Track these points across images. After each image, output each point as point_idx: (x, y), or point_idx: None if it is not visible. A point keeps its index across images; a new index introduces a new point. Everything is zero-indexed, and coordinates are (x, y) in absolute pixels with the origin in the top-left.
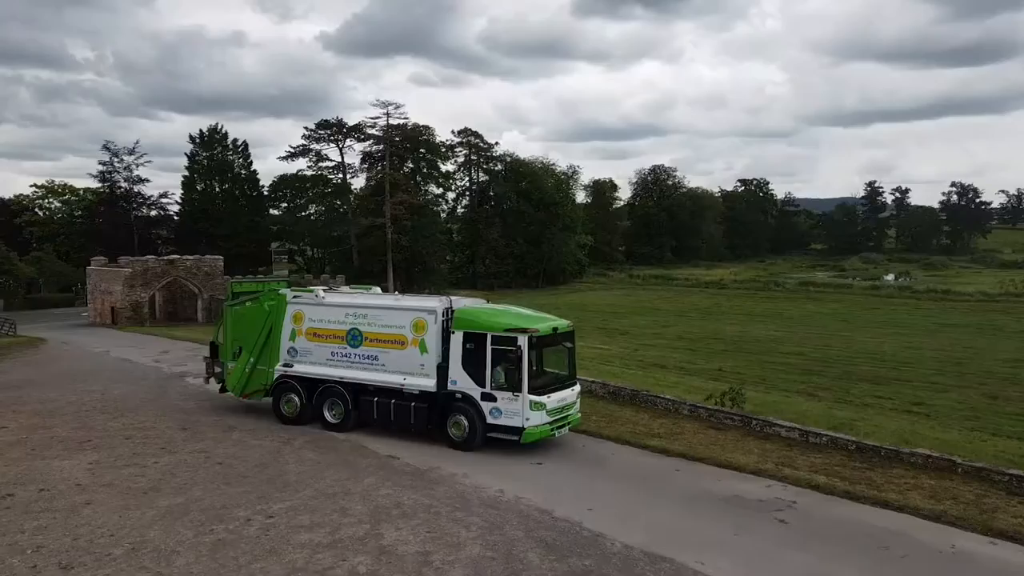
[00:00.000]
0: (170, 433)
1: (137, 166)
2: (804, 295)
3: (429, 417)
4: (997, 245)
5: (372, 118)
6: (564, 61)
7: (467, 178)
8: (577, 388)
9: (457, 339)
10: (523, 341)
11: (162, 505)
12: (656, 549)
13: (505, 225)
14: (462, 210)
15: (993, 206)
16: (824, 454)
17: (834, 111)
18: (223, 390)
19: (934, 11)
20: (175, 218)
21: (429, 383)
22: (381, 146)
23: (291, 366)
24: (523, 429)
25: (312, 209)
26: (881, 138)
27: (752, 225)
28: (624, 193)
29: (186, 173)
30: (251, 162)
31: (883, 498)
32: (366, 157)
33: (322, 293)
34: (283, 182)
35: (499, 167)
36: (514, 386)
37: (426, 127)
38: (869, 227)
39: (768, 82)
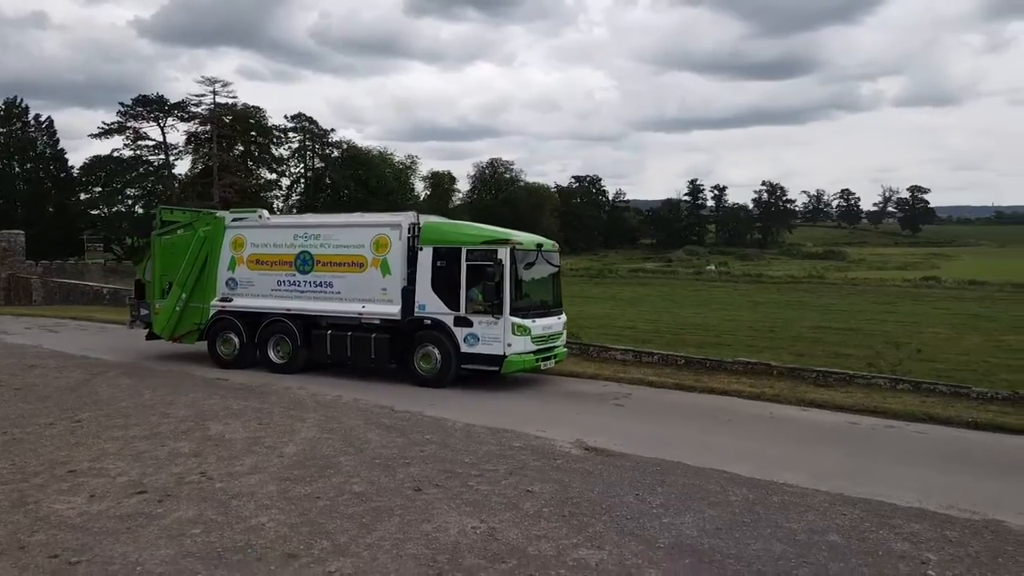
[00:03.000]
0: None
1: None
2: (635, 280)
3: (392, 349)
4: (801, 240)
5: (197, 95)
6: (399, 60)
7: (302, 165)
8: (563, 317)
9: (426, 257)
10: (504, 255)
11: None
12: (497, 426)
13: (343, 212)
14: (297, 197)
15: (797, 205)
16: (656, 368)
17: (658, 118)
18: (151, 336)
19: (742, 28)
20: None
21: (393, 310)
22: (208, 126)
23: (230, 300)
24: (504, 357)
25: (131, 193)
26: (700, 143)
27: (586, 220)
28: (463, 186)
29: None
30: (57, 140)
31: (709, 387)
32: (191, 138)
33: (266, 214)
34: (97, 163)
35: (335, 154)
36: (494, 307)
37: (257, 108)
38: (692, 223)
39: (597, 88)
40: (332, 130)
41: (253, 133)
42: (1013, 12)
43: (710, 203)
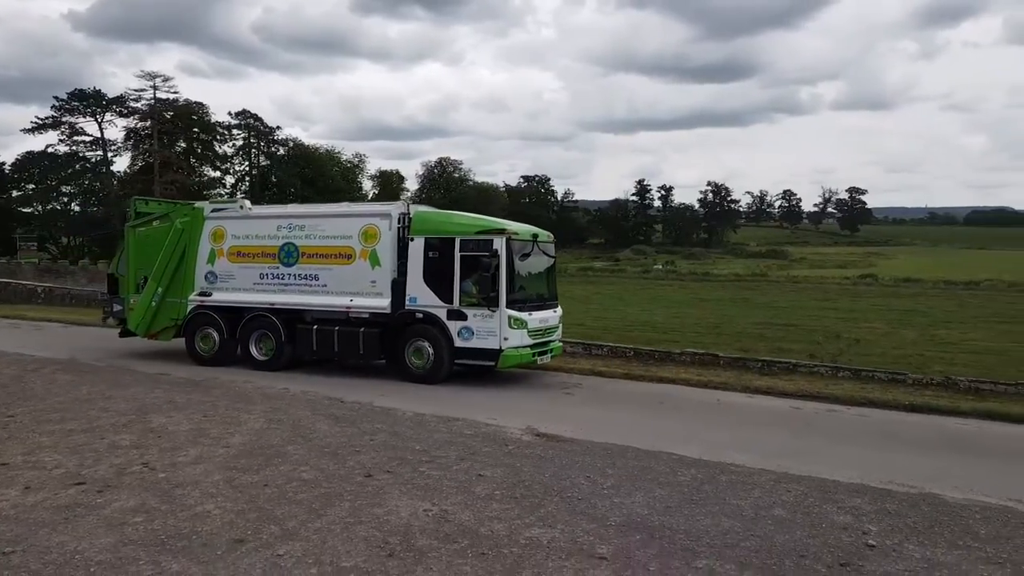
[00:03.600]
0: None
1: None
2: (584, 279)
3: (382, 345)
4: (745, 239)
5: (136, 90)
6: (346, 58)
7: (247, 162)
8: (559, 311)
9: (417, 247)
10: (500, 244)
11: None
12: (448, 415)
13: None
14: (242, 195)
15: (741, 206)
16: (605, 359)
17: (606, 119)
18: (124, 332)
19: (687, 31)
20: None
21: (382, 303)
22: (148, 122)
23: (209, 294)
24: (500, 352)
25: (66, 190)
26: (646, 145)
27: (535, 220)
28: (411, 186)
29: None
30: None
31: (658, 375)
32: (131, 134)
33: (248, 204)
34: (30, 160)
35: (281, 152)
36: (489, 300)
37: (200, 104)
38: (640, 223)
39: (545, 88)
40: (278, 128)
41: (196, 130)
42: (944, 20)
43: (657, 203)
